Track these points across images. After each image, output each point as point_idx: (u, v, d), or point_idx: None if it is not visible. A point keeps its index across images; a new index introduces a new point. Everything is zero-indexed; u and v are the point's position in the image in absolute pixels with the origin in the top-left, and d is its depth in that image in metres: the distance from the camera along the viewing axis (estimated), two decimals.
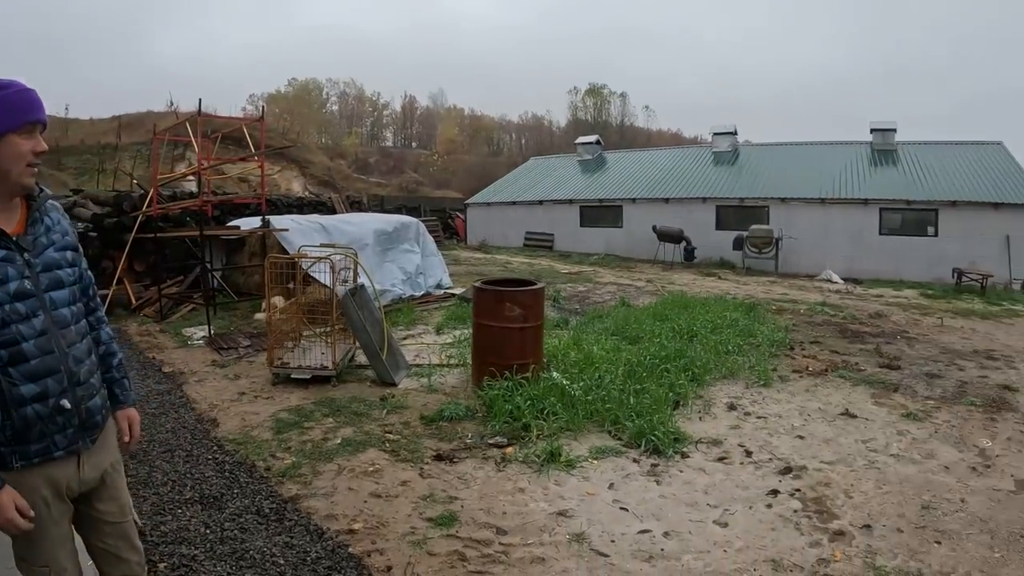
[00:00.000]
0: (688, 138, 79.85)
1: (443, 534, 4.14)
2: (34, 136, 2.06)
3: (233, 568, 3.78)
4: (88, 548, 2.41)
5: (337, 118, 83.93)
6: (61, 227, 2.28)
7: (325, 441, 5.72)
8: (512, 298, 6.73)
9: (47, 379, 2.07)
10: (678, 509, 4.47)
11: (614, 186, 29.45)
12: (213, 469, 5.22)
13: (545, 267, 21.58)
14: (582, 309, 12.37)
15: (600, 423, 5.97)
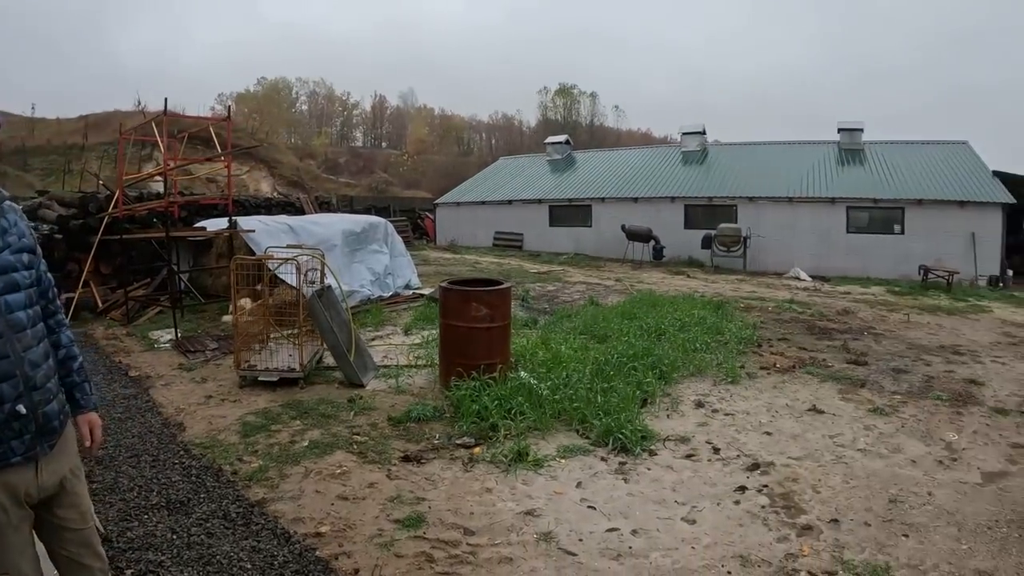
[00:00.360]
0: (658, 138, 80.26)
1: (410, 535, 4.14)
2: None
3: (200, 573, 3.76)
4: (51, 555, 2.39)
5: (307, 118, 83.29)
6: (18, 229, 2.25)
7: (292, 444, 5.70)
8: (479, 298, 6.75)
9: (1, 384, 2.05)
10: (646, 507, 4.51)
11: (583, 186, 29.54)
12: (180, 474, 5.18)
13: (514, 267, 21.63)
14: (551, 308, 12.42)
15: (568, 422, 6.01)
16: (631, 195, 26.52)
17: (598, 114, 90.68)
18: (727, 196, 24.07)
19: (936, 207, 20.84)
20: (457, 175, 48.91)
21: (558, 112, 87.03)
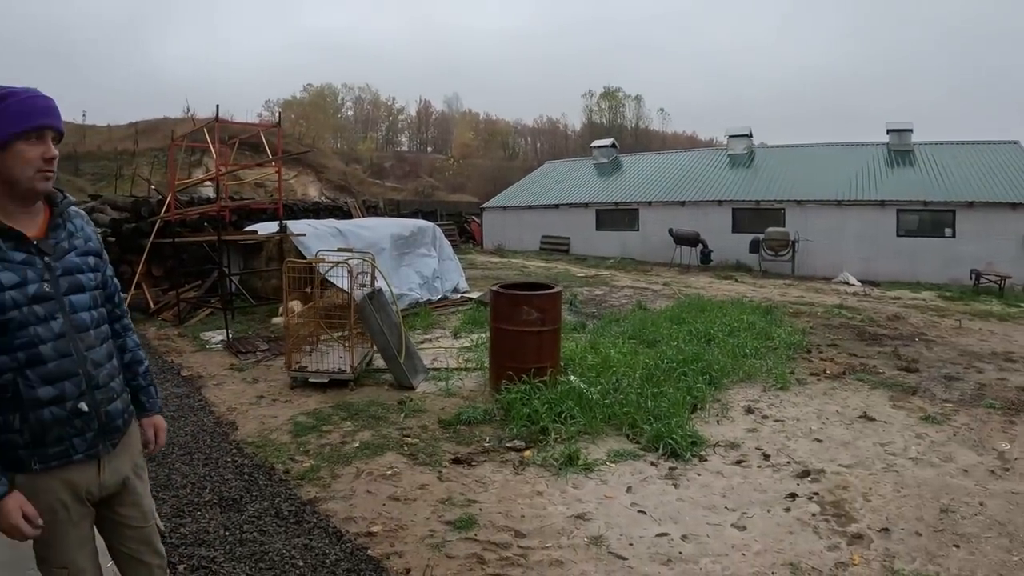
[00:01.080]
0: (703, 141, 79.71)
1: (462, 537, 4.14)
2: (43, 142, 2.05)
3: (252, 570, 3.79)
4: (110, 550, 2.42)
5: (352, 123, 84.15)
6: (84, 233, 2.29)
7: (343, 444, 5.74)
8: (529, 302, 6.72)
9: (64, 382, 2.08)
10: (696, 512, 4.45)
11: (630, 189, 29.39)
12: (232, 472, 5.24)
13: (561, 271, 21.57)
14: (599, 313, 12.34)
15: (618, 426, 5.96)
16: (678, 199, 26.29)
17: (643, 117, 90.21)
18: (775, 199, 23.72)
19: (987, 209, 20.30)
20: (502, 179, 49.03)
21: (603, 116, 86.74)
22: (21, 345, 2.00)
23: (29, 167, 2.01)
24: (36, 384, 2.02)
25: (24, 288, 2.01)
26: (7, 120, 1.97)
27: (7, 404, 2.01)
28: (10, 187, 2.03)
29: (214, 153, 12.03)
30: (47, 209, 2.19)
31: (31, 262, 2.05)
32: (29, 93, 2.05)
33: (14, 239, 2.03)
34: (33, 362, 2.02)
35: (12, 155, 1.99)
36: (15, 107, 1.99)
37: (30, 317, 2.01)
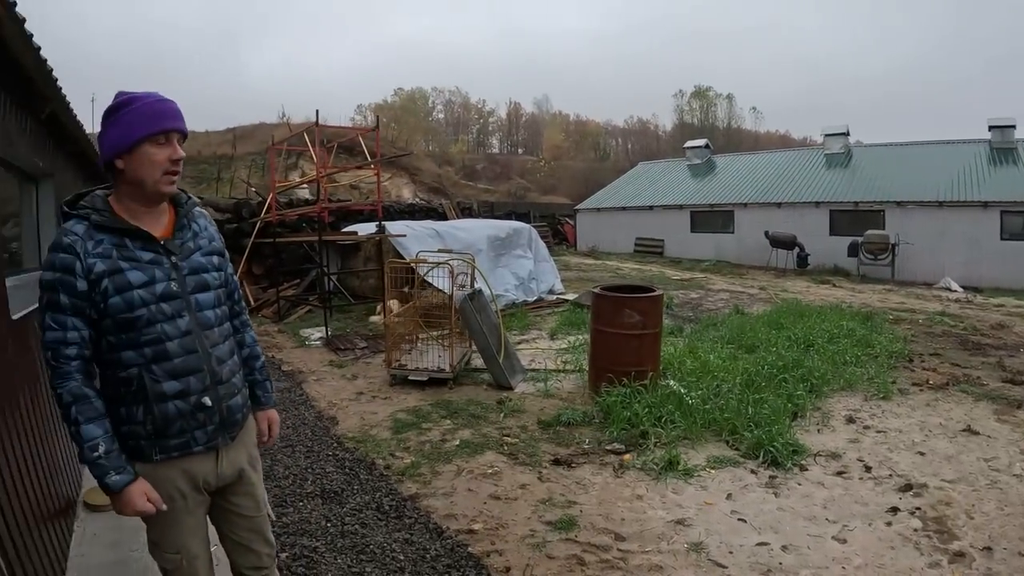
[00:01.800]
0: (796, 140, 76.91)
1: (562, 538, 4.14)
2: (170, 144, 2.12)
3: (353, 561, 3.88)
4: (221, 538, 2.50)
5: (443, 126, 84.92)
6: (208, 233, 2.37)
7: (443, 442, 5.83)
8: (631, 304, 6.69)
9: (189, 377, 2.16)
10: (796, 523, 4.35)
11: (724, 190, 28.74)
12: (333, 465, 5.39)
13: (656, 273, 21.35)
14: (696, 316, 12.17)
15: (718, 432, 5.86)
16: (774, 200, 25.54)
17: (735, 116, 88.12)
18: (874, 201, 22.68)
19: None
20: (594, 181, 48.74)
21: (694, 115, 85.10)
22: (148, 341, 2.09)
23: (157, 169, 2.08)
24: (162, 379, 2.10)
25: (152, 286, 2.10)
26: (136, 124, 2.05)
27: (132, 397, 2.10)
28: (138, 188, 2.12)
29: (314, 156, 12.37)
30: (171, 210, 2.28)
31: (158, 261, 2.13)
32: (155, 97, 2.12)
33: (142, 239, 2.12)
34: (159, 358, 2.10)
35: (140, 157, 2.06)
36: (142, 111, 2.06)
37: (158, 315, 2.09)
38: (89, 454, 2.00)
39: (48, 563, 3.27)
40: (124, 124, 2.05)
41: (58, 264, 2.00)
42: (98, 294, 2.02)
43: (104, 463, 2.01)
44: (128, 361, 2.07)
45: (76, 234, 2.02)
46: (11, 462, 3.02)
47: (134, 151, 2.05)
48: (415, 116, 77.00)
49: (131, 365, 2.07)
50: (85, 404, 2.01)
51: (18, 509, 2.92)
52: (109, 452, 2.02)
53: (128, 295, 2.04)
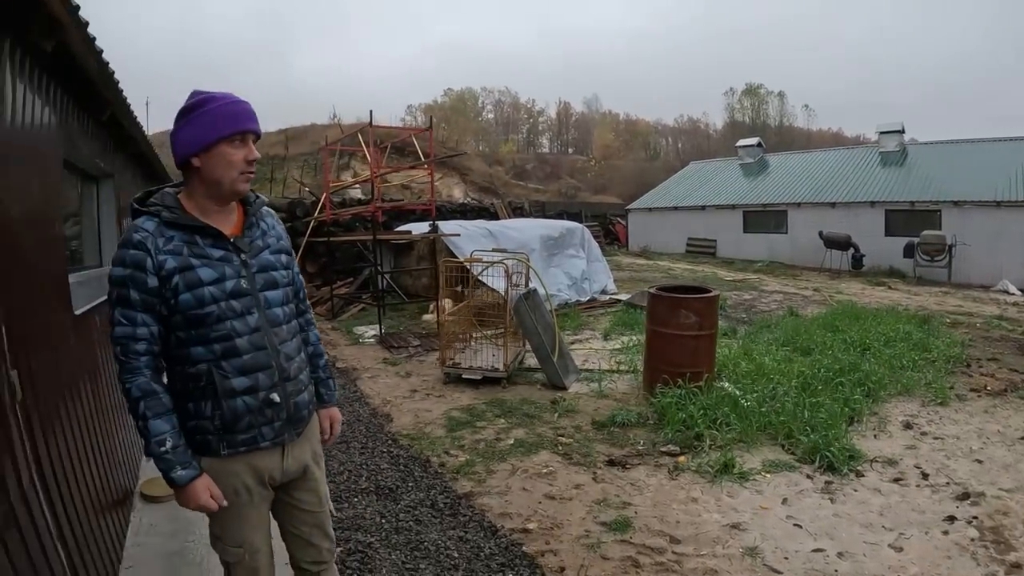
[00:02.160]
0: (849, 138, 74.84)
1: (617, 539, 4.09)
2: (246, 145, 2.14)
3: (408, 558, 3.88)
4: (282, 532, 2.51)
5: (493, 126, 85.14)
6: (276, 232, 2.39)
7: (498, 441, 5.81)
8: (687, 305, 6.59)
9: (258, 373, 2.16)
10: (852, 529, 4.23)
11: (777, 190, 28.09)
12: (388, 462, 5.41)
13: (708, 274, 21.10)
14: (749, 318, 11.99)
15: (773, 436, 5.74)
16: (828, 200, 24.85)
17: (786, 114, 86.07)
18: (930, 200, 21.80)
19: None
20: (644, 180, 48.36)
21: (745, 113, 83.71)
22: (218, 337, 2.10)
23: (234, 168, 2.10)
24: (231, 374, 2.11)
25: (223, 283, 2.11)
26: (213, 124, 2.06)
27: (200, 392, 2.11)
28: (213, 187, 2.13)
29: (368, 156, 12.44)
30: (240, 208, 2.29)
31: (228, 259, 2.15)
32: (230, 98, 2.13)
33: (212, 236, 2.13)
34: (229, 354, 2.11)
35: (216, 157, 2.08)
36: (219, 112, 2.07)
37: (228, 311, 2.11)
38: (156, 449, 2.02)
39: (105, 552, 3.32)
40: (202, 123, 2.07)
41: (129, 260, 2.02)
42: (168, 290, 2.04)
43: (170, 458, 2.03)
44: (197, 357, 2.09)
45: (147, 231, 2.04)
46: (72, 451, 3.07)
47: (211, 150, 2.07)
48: (465, 116, 77.40)
49: (200, 361, 2.09)
50: (153, 399, 2.04)
51: (77, 498, 2.97)
52: (176, 447, 2.04)
53: (198, 292, 2.06)
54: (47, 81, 3.30)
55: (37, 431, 2.55)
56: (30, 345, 2.65)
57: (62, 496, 2.73)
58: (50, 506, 2.54)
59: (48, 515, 2.50)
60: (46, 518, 2.46)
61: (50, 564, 2.39)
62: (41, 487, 2.48)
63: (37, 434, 2.55)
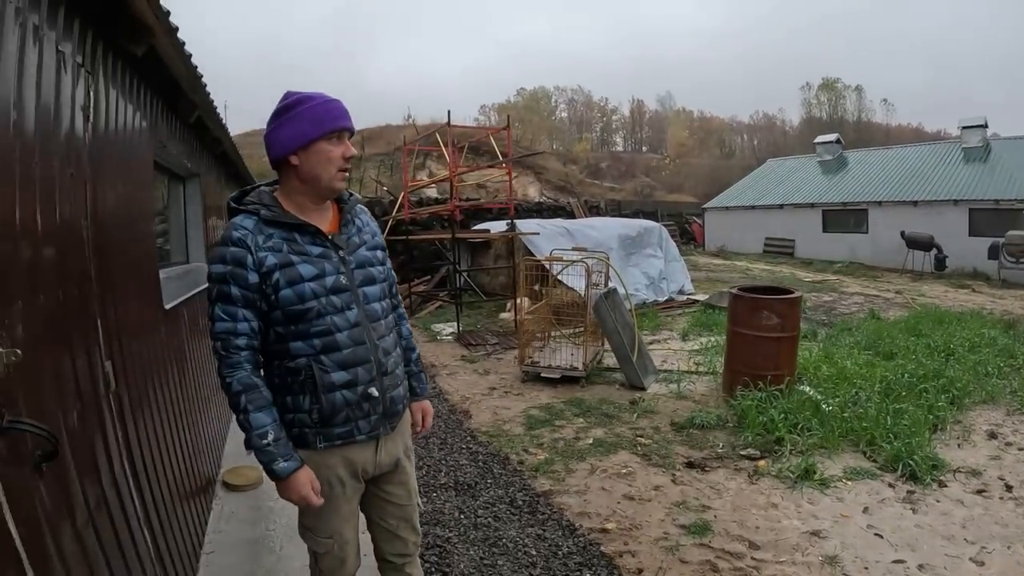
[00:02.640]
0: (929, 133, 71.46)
1: (695, 542, 4.01)
2: (342, 142, 2.17)
3: (485, 553, 3.88)
4: (369, 524, 2.53)
5: (567, 124, 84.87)
6: (370, 228, 2.41)
7: (577, 440, 5.76)
8: (769, 306, 6.42)
9: (357, 368, 2.18)
10: (934, 541, 4.04)
11: (857, 188, 27.09)
12: (467, 458, 5.43)
13: (787, 275, 20.57)
14: (829, 320, 11.64)
15: (855, 443, 5.53)
16: (909, 198, 23.79)
17: (864, 109, 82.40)
18: (1015, 199, 20.57)
19: None
20: (719, 178, 47.65)
21: (822, 109, 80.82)
22: (318, 332, 2.12)
23: (332, 165, 2.13)
24: (331, 369, 2.13)
25: (323, 279, 2.13)
26: (311, 122, 2.09)
27: (300, 386, 2.14)
28: (311, 185, 2.16)
29: (447, 156, 12.52)
30: (335, 206, 2.32)
31: (327, 255, 2.17)
32: (325, 97, 2.16)
33: (311, 234, 2.16)
34: (329, 348, 2.13)
35: (315, 154, 2.11)
36: (315, 111, 2.10)
37: (328, 307, 2.13)
38: (258, 441, 2.06)
39: (188, 537, 3.42)
40: (299, 122, 2.10)
41: (229, 257, 2.07)
42: (269, 286, 2.08)
43: (272, 450, 2.06)
44: (297, 352, 2.13)
45: (246, 228, 2.08)
46: (159, 440, 3.16)
47: (309, 148, 2.11)
48: (538, 115, 77.42)
49: (300, 355, 2.13)
50: (254, 393, 2.08)
51: (164, 484, 3.05)
52: (277, 440, 2.08)
53: (300, 288, 2.10)
54: (138, 85, 3.40)
55: (128, 419, 2.63)
56: (124, 338, 2.74)
57: (150, 482, 2.81)
58: (138, 491, 2.62)
59: (136, 500, 2.58)
60: (134, 503, 2.54)
61: (137, 547, 2.46)
62: (131, 473, 2.56)
63: (128, 422, 2.63)
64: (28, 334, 1.74)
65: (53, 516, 1.74)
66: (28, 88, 1.86)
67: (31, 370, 1.74)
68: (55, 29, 2.13)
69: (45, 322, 1.91)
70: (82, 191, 2.34)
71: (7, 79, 1.72)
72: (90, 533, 2.00)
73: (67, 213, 2.17)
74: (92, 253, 2.40)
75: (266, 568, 3.67)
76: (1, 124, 1.69)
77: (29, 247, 1.82)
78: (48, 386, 1.88)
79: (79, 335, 2.20)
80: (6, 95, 1.72)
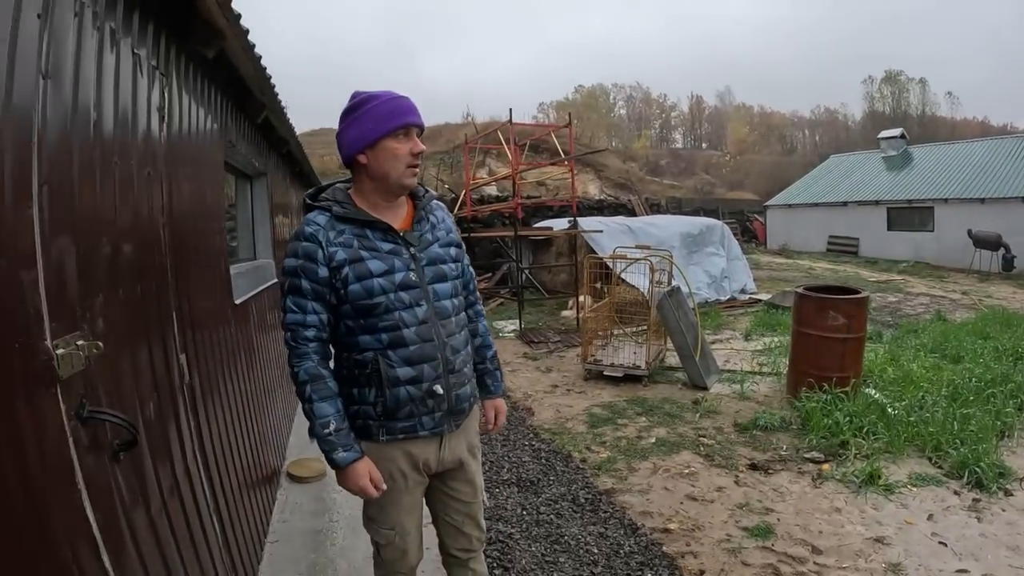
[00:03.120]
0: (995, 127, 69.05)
1: (758, 545, 3.94)
2: (410, 138, 2.17)
3: (547, 550, 3.88)
4: (434, 518, 2.55)
5: (625, 121, 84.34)
6: (446, 225, 2.40)
7: (639, 439, 5.71)
8: (836, 306, 6.26)
9: (423, 365, 2.18)
10: (998, 551, 3.89)
11: (923, 185, 26.07)
12: (529, 455, 5.43)
13: (851, 274, 20.02)
14: (894, 322, 11.31)
15: (920, 448, 5.35)
16: (977, 195, 22.82)
17: (928, 103, 79.68)
18: None
19: None
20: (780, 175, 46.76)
21: (885, 102, 78.62)
22: (386, 327, 2.14)
23: (400, 162, 2.14)
24: (397, 364, 2.15)
25: (392, 276, 2.14)
26: (378, 120, 2.11)
27: (366, 379, 2.17)
28: (381, 182, 2.18)
29: (509, 154, 12.52)
30: (409, 203, 2.33)
31: (398, 252, 2.18)
32: (392, 95, 2.18)
33: (382, 230, 2.18)
34: (396, 344, 2.15)
35: (383, 152, 2.12)
36: (383, 108, 2.12)
37: (396, 303, 2.14)
38: (320, 430, 2.10)
39: (253, 526, 3.51)
40: (366, 121, 2.13)
41: (301, 252, 2.12)
42: (339, 281, 2.11)
43: (333, 440, 2.10)
44: (364, 345, 2.16)
45: (319, 224, 2.13)
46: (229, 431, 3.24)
47: (377, 146, 2.13)
48: (597, 112, 77.04)
49: (367, 349, 2.16)
50: (320, 383, 2.12)
51: (232, 474, 3.14)
52: (339, 430, 2.11)
53: (368, 283, 2.12)
54: (209, 86, 3.48)
55: (200, 410, 2.71)
56: (197, 331, 2.81)
57: (219, 471, 2.89)
58: (209, 480, 2.70)
59: (207, 488, 2.65)
60: (205, 491, 2.61)
61: (206, 534, 2.53)
62: (202, 462, 2.63)
63: (200, 413, 2.70)
64: (109, 327, 1.80)
65: (129, 503, 1.79)
66: (107, 90, 1.92)
67: (111, 362, 1.80)
68: (131, 33, 2.19)
69: (125, 316, 1.97)
70: (159, 189, 2.41)
71: (87, 81, 1.78)
72: (163, 520, 2.06)
73: (145, 211, 2.24)
74: (168, 249, 2.47)
75: (328, 558, 3.73)
76: (82, 124, 1.74)
77: (109, 243, 1.88)
78: (127, 377, 1.95)
79: (156, 328, 2.27)
80: (86, 96, 1.78)
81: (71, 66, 1.67)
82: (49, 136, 1.51)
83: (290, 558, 3.73)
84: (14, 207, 1.35)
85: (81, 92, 1.73)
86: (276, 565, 3.65)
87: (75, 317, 1.60)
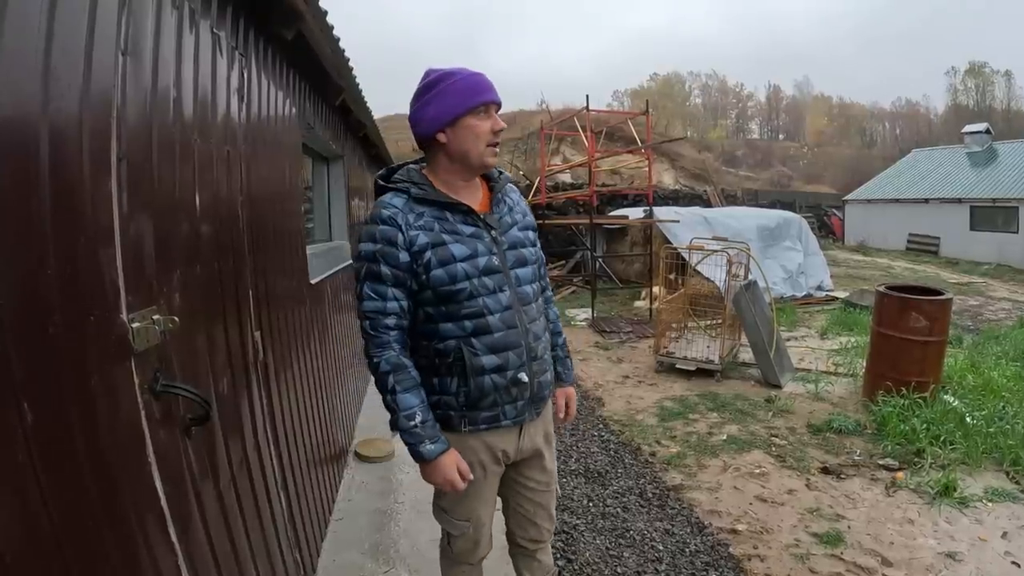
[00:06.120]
0: None
1: (827, 553, 3.81)
2: (490, 116, 2.09)
3: (612, 544, 3.83)
4: (504, 507, 2.50)
5: (701, 111, 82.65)
6: (521, 207, 2.33)
7: (710, 435, 5.60)
8: (918, 307, 6.00)
9: (508, 352, 2.12)
10: None
11: (1008, 183, 24.41)
12: (598, 446, 5.38)
13: (931, 275, 19.18)
14: (975, 326, 10.80)
15: (998, 461, 5.08)
16: None
17: (1014, 96, 74.57)
18: None
19: None
20: (859, 169, 45.14)
21: (969, 95, 74.39)
22: (469, 314, 2.07)
23: (481, 140, 2.07)
24: (481, 352, 2.08)
25: (475, 260, 2.07)
26: (457, 97, 2.03)
27: (448, 368, 2.10)
28: (461, 161, 2.11)
29: (585, 141, 12.44)
30: (484, 185, 2.26)
31: (479, 235, 2.11)
32: (468, 72, 2.10)
33: (463, 212, 2.11)
34: (480, 331, 2.08)
35: (464, 129, 2.05)
36: (461, 85, 2.04)
37: (480, 288, 2.07)
38: (405, 423, 2.03)
39: (319, 503, 3.56)
40: (444, 98, 2.05)
41: (379, 236, 2.03)
42: (420, 266, 2.03)
43: (420, 432, 2.03)
44: (447, 333, 2.08)
45: (396, 207, 2.05)
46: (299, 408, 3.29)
47: (457, 124, 2.05)
48: (672, 101, 75.76)
49: (449, 337, 2.08)
50: (403, 373, 2.05)
51: (301, 451, 3.19)
52: (425, 422, 2.04)
53: (451, 268, 2.04)
54: (287, 69, 3.52)
55: (272, 387, 2.75)
56: (272, 309, 2.85)
57: (288, 448, 2.93)
58: (278, 456, 2.74)
59: (276, 464, 2.69)
60: (274, 467, 2.65)
61: (272, 509, 2.56)
62: (272, 438, 2.67)
63: (272, 390, 2.74)
64: (185, 303, 1.82)
65: (198, 476, 1.81)
66: (186, 69, 1.94)
67: (187, 337, 1.82)
68: (210, 13, 2.21)
69: (201, 292, 1.99)
70: (237, 169, 2.43)
71: (166, 60, 1.79)
72: (231, 493, 2.09)
73: (223, 190, 2.25)
74: (245, 228, 2.49)
75: (391, 539, 3.76)
76: (161, 102, 1.76)
77: (187, 220, 1.90)
78: (202, 353, 1.97)
79: (232, 305, 2.29)
80: (166, 75, 1.79)
81: (150, 44, 1.69)
82: (128, 113, 1.53)
83: (354, 537, 3.77)
84: (93, 181, 1.36)
85: (161, 70, 1.74)
86: (339, 543, 3.70)
87: (152, 292, 1.62)
